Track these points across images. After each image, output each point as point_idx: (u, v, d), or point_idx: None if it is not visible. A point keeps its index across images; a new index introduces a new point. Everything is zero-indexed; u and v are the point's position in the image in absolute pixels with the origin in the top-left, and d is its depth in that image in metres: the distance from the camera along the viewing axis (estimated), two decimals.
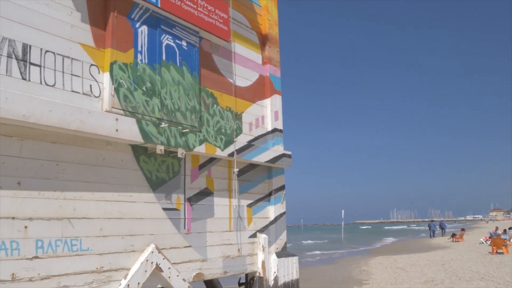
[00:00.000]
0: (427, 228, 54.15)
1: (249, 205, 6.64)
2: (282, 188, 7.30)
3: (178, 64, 5.52)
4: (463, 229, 43.01)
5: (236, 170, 6.25)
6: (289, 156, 7.26)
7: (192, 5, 5.72)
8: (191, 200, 5.64)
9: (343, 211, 52.68)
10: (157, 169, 5.22)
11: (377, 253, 31.03)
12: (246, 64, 6.94)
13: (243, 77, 6.83)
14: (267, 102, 7.24)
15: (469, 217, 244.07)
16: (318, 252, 34.65)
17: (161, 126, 5.02)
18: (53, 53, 4.24)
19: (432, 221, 57.03)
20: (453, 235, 39.36)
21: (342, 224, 60.09)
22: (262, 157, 6.65)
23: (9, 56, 3.87)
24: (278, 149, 7.15)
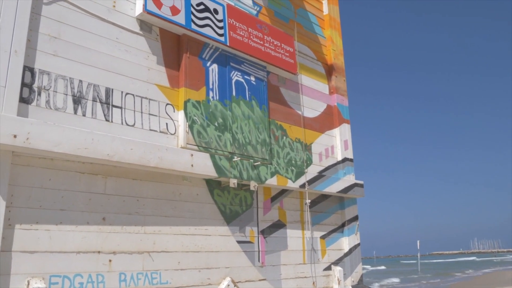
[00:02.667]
0: None
1: (322, 237, 6.53)
2: (355, 218, 7.12)
3: (248, 98, 5.66)
4: None
5: (308, 201, 6.20)
6: (361, 185, 7.11)
7: (259, 41, 5.90)
8: (265, 232, 5.65)
9: (418, 241, 50.28)
10: (231, 202, 5.31)
11: (459, 287, 29.00)
12: (313, 95, 6.98)
13: (311, 108, 6.87)
14: (336, 131, 7.21)
15: None
16: (393, 283, 33.03)
17: (234, 160, 5.12)
18: (133, 95, 4.53)
19: None
20: None
21: (418, 255, 57.21)
22: (333, 188, 6.56)
23: (94, 100, 4.19)
24: (350, 179, 7.03)
